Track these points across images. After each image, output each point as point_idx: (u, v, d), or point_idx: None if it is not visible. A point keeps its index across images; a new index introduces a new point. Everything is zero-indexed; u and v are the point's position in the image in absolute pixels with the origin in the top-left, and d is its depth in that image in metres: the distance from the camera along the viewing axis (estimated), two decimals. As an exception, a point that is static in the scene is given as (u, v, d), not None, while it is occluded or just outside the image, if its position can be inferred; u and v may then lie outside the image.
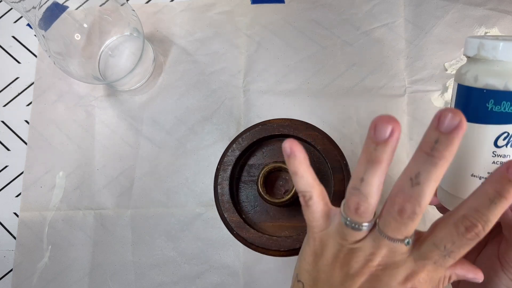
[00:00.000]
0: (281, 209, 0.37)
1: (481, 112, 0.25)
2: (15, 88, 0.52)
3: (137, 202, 0.47)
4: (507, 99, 0.24)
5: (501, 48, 0.24)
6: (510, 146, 0.25)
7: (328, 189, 0.36)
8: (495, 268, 0.27)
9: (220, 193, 0.36)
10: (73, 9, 0.42)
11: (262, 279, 0.44)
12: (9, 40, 0.53)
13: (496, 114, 0.25)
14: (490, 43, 0.25)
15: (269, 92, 0.48)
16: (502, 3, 0.47)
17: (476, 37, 0.26)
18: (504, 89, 0.24)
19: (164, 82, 0.50)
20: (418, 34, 0.48)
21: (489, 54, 0.25)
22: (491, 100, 0.25)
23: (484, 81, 0.25)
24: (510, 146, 0.25)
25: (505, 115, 0.24)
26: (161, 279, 0.46)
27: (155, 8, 0.52)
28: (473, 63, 0.26)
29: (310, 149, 0.37)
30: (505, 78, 0.24)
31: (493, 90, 0.24)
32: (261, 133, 0.37)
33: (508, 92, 0.24)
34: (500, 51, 0.24)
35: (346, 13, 0.49)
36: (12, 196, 0.50)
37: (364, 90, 0.47)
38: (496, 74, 0.25)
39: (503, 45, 0.24)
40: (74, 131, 0.50)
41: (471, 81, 0.25)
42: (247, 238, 0.35)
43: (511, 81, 0.24)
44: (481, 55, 0.25)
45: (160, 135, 0.49)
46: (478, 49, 0.25)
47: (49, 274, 0.47)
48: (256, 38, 0.50)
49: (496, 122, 0.25)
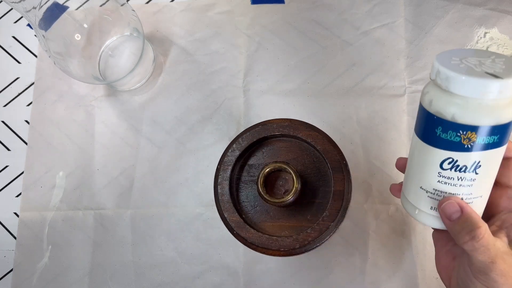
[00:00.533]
0: (281, 209, 0.37)
1: (431, 135, 0.27)
2: (15, 88, 0.52)
3: (137, 202, 0.47)
4: (453, 129, 0.25)
5: (453, 80, 0.24)
6: (454, 170, 0.27)
7: (328, 189, 0.36)
8: (469, 276, 0.28)
9: (220, 193, 0.36)
10: (73, 9, 0.42)
11: (262, 279, 0.44)
12: (9, 40, 0.54)
13: (443, 140, 0.26)
14: (445, 72, 0.25)
15: (269, 92, 0.48)
16: (502, 3, 0.47)
17: (444, 58, 0.26)
18: (451, 119, 0.25)
19: (164, 82, 0.50)
20: (418, 34, 0.48)
21: (443, 83, 0.25)
22: (440, 127, 0.26)
23: (436, 108, 0.26)
24: (454, 170, 0.27)
25: (450, 143, 0.26)
26: (161, 279, 0.46)
27: (155, 8, 0.52)
28: (432, 86, 0.27)
29: (310, 149, 0.37)
30: (452, 109, 0.25)
31: (442, 118, 0.25)
32: (261, 133, 0.37)
33: (455, 123, 0.25)
34: (452, 83, 0.24)
35: (346, 13, 0.49)
36: (12, 196, 0.50)
37: (364, 90, 0.47)
38: (446, 103, 0.25)
39: (455, 77, 0.24)
40: (74, 131, 0.50)
41: (427, 104, 0.26)
42: (247, 238, 0.35)
43: (457, 113, 0.25)
44: (437, 82, 0.26)
45: (160, 135, 0.49)
46: (435, 74, 0.26)
47: (49, 274, 0.47)
48: (256, 38, 0.50)
49: (443, 147, 0.26)
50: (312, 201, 0.36)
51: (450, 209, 0.27)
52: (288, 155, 0.38)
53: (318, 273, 0.44)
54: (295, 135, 0.37)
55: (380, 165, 0.45)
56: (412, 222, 0.44)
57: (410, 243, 0.43)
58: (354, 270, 0.44)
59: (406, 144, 0.45)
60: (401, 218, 0.44)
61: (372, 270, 0.43)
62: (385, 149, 0.46)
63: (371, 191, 0.45)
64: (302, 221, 0.36)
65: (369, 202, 0.45)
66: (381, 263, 0.44)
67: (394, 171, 0.45)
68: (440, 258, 0.33)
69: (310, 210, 0.36)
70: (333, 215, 0.34)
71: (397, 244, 0.44)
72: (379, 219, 0.44)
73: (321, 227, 0.34)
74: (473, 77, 0.24)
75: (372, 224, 0.44)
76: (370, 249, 0.44)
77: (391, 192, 0.34)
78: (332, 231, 0.34)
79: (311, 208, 0.36)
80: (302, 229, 0.35)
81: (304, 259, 0.44)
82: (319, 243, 0.34)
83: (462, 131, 0.25)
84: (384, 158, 0.45)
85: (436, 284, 0.43)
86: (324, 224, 0.34)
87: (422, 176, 0.28)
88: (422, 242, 0.43)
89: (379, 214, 0.44)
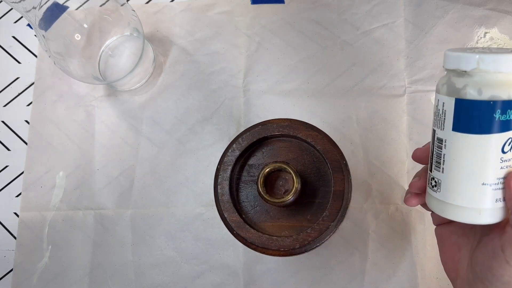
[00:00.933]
0: (281, 209, 0.37)
1: (488, 123, 0.26)
2: (15, 88, 0.52)
3: (137, 202, 0.47)
4: (511, 107, 0.26)
5: (503, 60, 0.25)
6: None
7: (328, 189, 0.36)
8: (498, 259, 0.27)
9: (220, 193, 0.36)
10: (73, 9, 0.42)
11: (262, 279, 0.44)
12: (9, 40, 0.54)
13: (502, 123, 0.26)
14: (490, 57, 0.26)
15: (269, 92, 0.48)
16: (502, 3, 0.47)
17: (464, 51, 0.27)
18: (508, 98, 0.25)
19: (164, 82, 0.50)
20: (418, 34, 0.48)
21: (490, 67, 0.26)
22: (498, 110, 0.26)
23: (489, 93, 0.26)
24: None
25: (509, 122, 0.26)
26: (161, 279, 0.46)
27: (155, 8, 0.52)
28: (467, 77, 0.27)
29: (310, 149, 0.37)
30: (507, 88, 0.26)
31: (499, 101, 0.26)
32: (261, 133, 0.37)
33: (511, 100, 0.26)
34: (502, 63, 0.25)
35: (346, 13, 0.49)
36: (12, 196, 0.50)
37: (364, 90, 0.47)
38: (499, 85, 0.26)
39: (503, 57, 0.25)
40: (74, 131, 0.50)
41: (475, 95, 0.26)
42: (247, 238, 0.35)
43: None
44: (482, 68, 0.26)
45: (160, 135, 0.49)
46: (477, 63, 0.26)
47: (49, 274, 0.47)
48: (256, 38, 0.50)
49: (502, 130, 0.26)
50: (312, 201, 0.36)
51: None
52: (288, 155, 0.38)
53: (318, 273, 0.44)
54: (295, 135, 0.37)
55: (380, 165, 0.45)
56: (412, 222, 0.44)
57: (410, 243, 0.44)
58: (354, 270, 0.44)
59: (406, 144, 0.45)
60: (401, 218, 0.44)
61: (372, 270, 0.43)
62: (385, 149, 0.46)
63: (371, 191, 0.45)
64: (302, 221, 0.36)
65: (369, 202, 0.45)
66: (381, 263, 0.44)
67: (394, 170, 0.45)
68: (446, 250, 0.33)
69: (310, 210, 0.36)
70: (333, 215, 0.34)
71: (397, 244, 0.44)
72: (379, 219, 0.44)
73: (321, 227, 0.34)
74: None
75: (372, 224, 0.44)
76: (370, 249, 0.44)
77: (407, 202, 0.33)
78: (332, 231, 0.34)
79: (311, 208, 0.36)
80: (302, 229, 0.35)
81: (304, 259, 0.44)
82: (319, 243, 0.34)
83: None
84: (384, 158, 0.45)
85: (436, 284, 0.43)
86: (324, 224, 0.34)
87: (482, 171, 0.27)
88: (422, 242, 0.43)
89: (379, 214, 0.44)
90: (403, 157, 0.45)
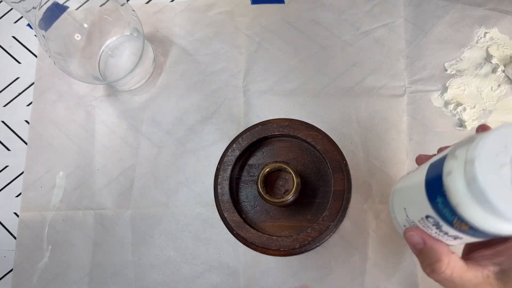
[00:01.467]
0: (281, 209, 0.37)
1: (433, 193, 0.25)
2: (15, 88, 0.52)
3: (137, 202, 0.47)
4: (452, 213, 0.24)
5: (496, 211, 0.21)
6: (436, 228, 0.26)
7: (328, 189, 0.36)
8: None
9: (220, 193, 0.36)
10: (73, 9, 0.42)
11: (262, 279, 0.44)
12: (9, 40, 0.54)
13: (438, 206, 0.25)
14: (491, 201, 0.21)
15: (269, 92, 0.48)
16: (502, 3, 0.47)
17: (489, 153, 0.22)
18: (455, 208, 0.23)
19: (164, 82, 0.50)
20: (418, 34, 0.48)
21: (480, 200, 0.22)
22: (441, 199, 0.24)
23: (455, 200, 0.23)
24: (436, 228, 0.26)
25: (443, 214, 0.25)
26: (161, 279, 0.46)
27: (155, 8, 0.52)
28: (456, 166, 0.23)
29: (310, 149, 0.37)
30: (477, 214, 0.23)
31: (448, 202, 0.23)
32: (261, 133, 0.37)
33: (458, 213, 0.23)
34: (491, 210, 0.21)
35: (346, 13, 0.49)
36: (12, 196, 0.50)
37: (364, 90, 0.47)
38: (472, 209, 0.23)
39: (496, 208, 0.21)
40: (74, 131, 0.50)
41: (449, 183, 0.23)
42: (247, 238, 0.35)
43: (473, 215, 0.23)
44: (473, 192, 0.22)
45: (160, 135, 0.49)
46: (476, 191, 0.22)
47: (49, 274, 0.47)
48: (256, 38, 0.50)
49: (435, 210, 0.25)
50: (312, 201, 0.36)
51: (414, 240, 0.28)
52: (288, 155, 0.38)
53: (318, 273, 0.44)
54: (295, 135, 0.37)
55: (380, 165, 0.45)
56: (412, 222, 0.44)
57: (410, 243, 0.43)
58: (354, 270, 0.44)
59: (406, 144, 0.45)
60: (401, 218, 0.44)
61: (372, 270, 0.43)
62: (385, 149, 0.46)
63: (371, 191, 0.45)
64: (302, 221, 0.36)
65: (369, 202, 0.45)
66: (381, 263, 0.43)
67: (394, 171, 0.45)
68: None
69: (310, 210, 0.36)
70: (333, 215, 0.34)
71: (397, 243, 0.44)
72: (379, 219, 0.44)
73: (321, 227, 0.34)
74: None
75: (372, 224, 0.44)
76: (370, 249, 0.44)
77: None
78: (332, 231, 0.34)
79: (311, 208, 0.36)
80: (302, 229, 0.35)
81: (304, 259, 0.44)
82: (319, 243, 0.34)
83: (459, 220, 0.23)
84: (384, 158, 0.45)
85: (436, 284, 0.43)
86: (324, 224, 0.34)
87: (409, 205, 0.29)
88: (422, 242, 0.43)
89: (379, 214, 0.44)
90: (403, 157, 0.45)
